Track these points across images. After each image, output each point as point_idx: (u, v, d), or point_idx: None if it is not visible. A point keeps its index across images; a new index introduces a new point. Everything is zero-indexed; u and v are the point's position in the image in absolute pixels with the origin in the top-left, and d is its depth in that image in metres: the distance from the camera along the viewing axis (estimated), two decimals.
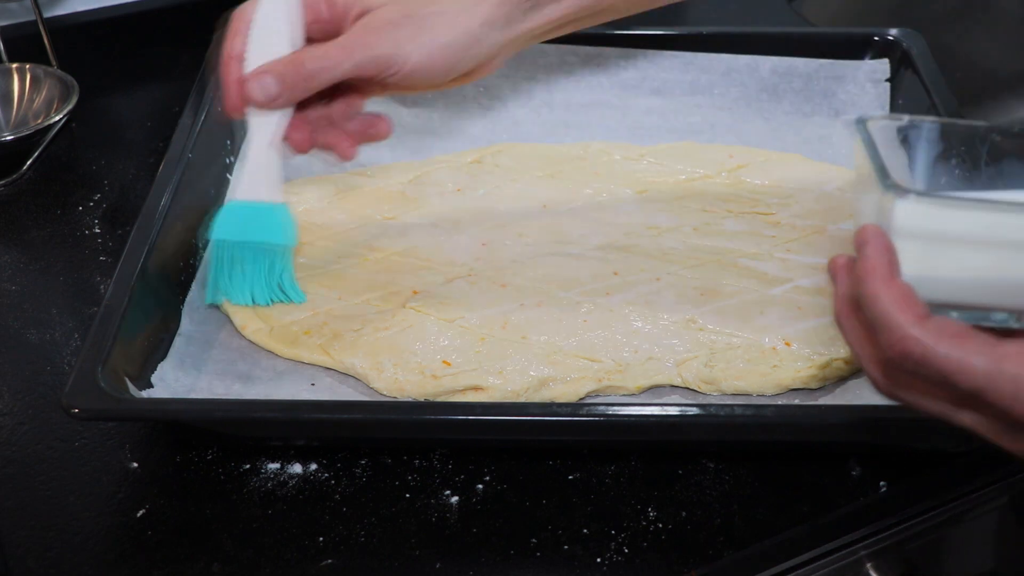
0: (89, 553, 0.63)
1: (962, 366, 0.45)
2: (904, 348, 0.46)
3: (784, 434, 0.67)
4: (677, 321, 0.74)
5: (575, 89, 0.95)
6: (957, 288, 0.49)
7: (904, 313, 0.46)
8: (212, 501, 0.66)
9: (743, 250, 0.80)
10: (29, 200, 0.91)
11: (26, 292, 0.81)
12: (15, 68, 0.99)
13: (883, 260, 0.48)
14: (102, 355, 0.65)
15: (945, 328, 0.46)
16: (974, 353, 0.45)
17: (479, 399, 0.69)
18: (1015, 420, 0.45)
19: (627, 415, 0.64)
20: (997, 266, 0.48)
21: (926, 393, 0.49)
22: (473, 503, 0.65)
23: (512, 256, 0.80)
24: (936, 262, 0.49)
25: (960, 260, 0.49)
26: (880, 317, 0.47)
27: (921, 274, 0.49)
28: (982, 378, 0.45)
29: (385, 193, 0.86)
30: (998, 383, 0.45)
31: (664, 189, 0.86)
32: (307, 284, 0.77)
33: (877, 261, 0.48)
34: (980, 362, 0.45)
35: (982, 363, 0.45)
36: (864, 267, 0.48)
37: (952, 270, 0.49)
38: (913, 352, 0.46)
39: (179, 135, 0.83)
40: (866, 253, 0.48)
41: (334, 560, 0.62)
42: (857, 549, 0.68)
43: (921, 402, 0.49)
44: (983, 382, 0.45)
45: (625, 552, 0.63)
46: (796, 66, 0.93)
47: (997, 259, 0.48)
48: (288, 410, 0.65)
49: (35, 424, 0.71)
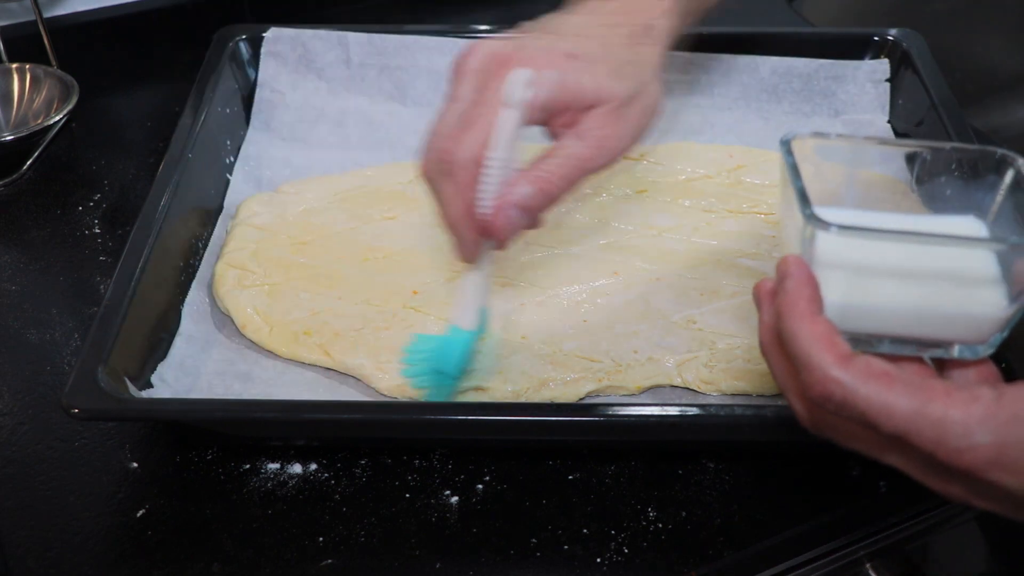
0: (89, 553, 0.63)
1: (885, 410, 0.44)
2: (825, 390, 0.45)
3: (784, 434, 0.67)
4: (677, 321, 0.74)
5: None
6: (883, 318, 0.48)
7: (826, 353, 0.45)
8: (212, 501, 0.66)
9: (743, 250, 0.80)
10: (29, 200, 0.91)
11: (26, 292, 0.81)
12: (15, 68, 0.99)
13: (804, 295, 0.46)
14: (102, 355, 0.65)
15: (869, 369, 0.44)
16: (897, 395, 0.44)
17: (479, 399, 0.69)
18: (939, 464, 0.44)
19: (627, 415, 0.64)
20: (922, 296, 0.47)
21: (850, 434, 0.47)
22: (473, 503, 0.66)
23: (512, 256, 0.80)
24: (860, 292, 0.48)
25: (883, 290, 0.47)
26: (801, 356, 0.46)
27: (846, 303, 0.47)
28: (904, 422, 0.43)
29: (385, 193, 0.86)
30: (920, 427, 0.43)
31: (664, 189, 0.86)
32: (307, 284, 0.77)
33: (798, 296, 0.46)
34: (903, 405, 0.43)
35: (905, 406, 0.43)
36: (785, 302, 0.47)
37: (877, 300, 0.48)
38: (834, 394, 0.45)
39: (179, 135, 0.83)
40: (786, 287, 0.47)
41: (334, 560, 0.62)
42: (857, 549, 0.68)
43: (847, 442, 0.48)
44: (905, 426, 0.43)
45: (625, 552, 0.63)
46: (796, 66, 0.93)
47: (920, 289, 0.47)
48: (288, 410, 0.65)
49: (35, 424, 0.71)
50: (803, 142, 0.51)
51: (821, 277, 0.48)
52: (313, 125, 0.93)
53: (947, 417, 0.43)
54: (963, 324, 0.48)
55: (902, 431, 0.44)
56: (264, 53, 0.94)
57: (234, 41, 0.93)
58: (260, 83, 0.93)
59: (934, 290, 0.47)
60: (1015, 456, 0.42)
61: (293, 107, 0.93)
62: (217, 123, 0.86)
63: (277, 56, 0.94)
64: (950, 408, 0.43)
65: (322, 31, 0.94)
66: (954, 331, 0.48)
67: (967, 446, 0.42)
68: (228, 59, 0.91)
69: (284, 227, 0.82)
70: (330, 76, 0.94)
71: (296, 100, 0.93)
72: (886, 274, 0.47)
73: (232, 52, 0.92)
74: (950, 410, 0.43)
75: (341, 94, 0.94)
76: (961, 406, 0.43)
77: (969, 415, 0.42)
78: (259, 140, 0.91)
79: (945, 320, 0.48)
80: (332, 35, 0.94)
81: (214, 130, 0.86)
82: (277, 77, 0.93)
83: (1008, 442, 0.42)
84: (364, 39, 0.94)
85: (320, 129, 0.93)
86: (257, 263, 0.79)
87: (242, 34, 0.94)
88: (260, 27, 0.94)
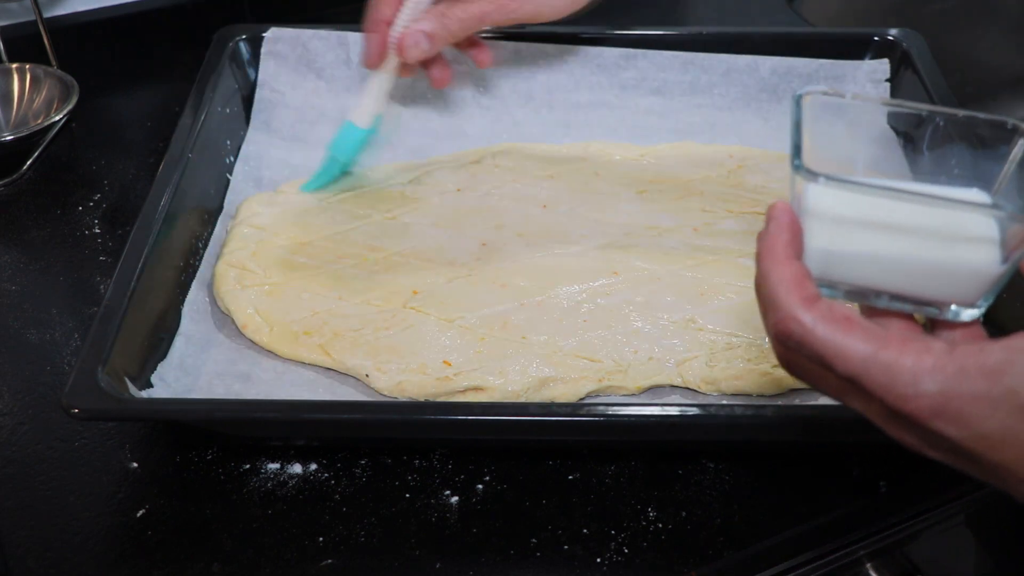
0: (89, 553, 0.63)
1: (838, 351, 0.45)
2: (786, 328, 0.46)
3: (784, 434, 0.67)
4: (677, 321, 0.74)
5: (575, 89, 0.95)
6: (869, 270, 0.49)
7: (790, 294, 0.46)
8: (212, 501, 0.66)
9: (743, 250, 0.80)
10: (29, 200, 0.91)
11: (26, 292, 0.81)
12: (15, 68, 0.99)
13: (781, 239, 0.48)
14: (102, 355, 0.64)
15: (830, 313, 0.46)
16: (853, 340, 0.45)
17: (479, 399, 0.69)
18: (888, 409, 0.45)
19: (627, 415, 0.64)
20: (908, 250, 0.48)
21: (814, 375, 0.48)
22: (473, 503, 0.66)
23: (512, 256, 0.80)
24: (845, 241, 0.48)
25: (869, 241, 0.48)
26: (769, 295, 0.47)
27: (829, 251, 0.49)
28: (857, 364, 0.45)
29: (385, 193, 0.86)
30: (871, 371, 0.44)
31: (664, 189, 0.86)
32: (307, 284, 0.77)
33: (776, 239, 0.48)
34: (857, 349, 0.44)
35: (859, 350, 0.44)
36: (763, 245, 0.49)
37: (862, 250, 0.48)
38: (793, 333, 0.46)
39: (179, 135, 0.83)
40: (768, 230, 0.49)
41: (334, 560, 0.62)
42: (857, 549, 0.68)
43: (814, 383, 0.49)
44: (858, 368, 0.45)
45: (625, 552, 0.63)
46: (796, 66, 0.93)
47: (907, 244, 0.48)
48: (288, 410, 0.65)
49: (35, 424, 0.71)
50: (815, 98, 0.52)
51: (808, 226, 0.49)
52: (313, 125, 0.93)
53: (897, 364, 0.44)
54: (950, 282, 0.48)
55: (854, 374, 0.45)
56: (264, 53, 0.94)
57: (234, 41, 0.93)
58: (260, 83, 0.93)
59: (921, 246, 0.48)
60: (958, 407, 0.43)
61: (293, 107, 0.93)
62: (217, 123, 0.86)
63: (277, 56, 0.94)
64: (902, 356, 0.44)
65: (322, 31, 0.94)
66: (941, 289, 0.49)
67: (913, 393, 0.43)
68: (228, 59, 0.92)
69: (284, 227, 0.82)
70: (330, 76, 0.94)
71: (296, 100, 0.93)
72: (873, 226, 0.48)
73: (232, 52, 0.92)
74: (901, 358, 0.44)
75: (341, 94, 0.94)
76: (912, 355, 0.44)
77: (919, 364, 0.43)
78: (259, 140, 0.91)
79: (931, 277, 0.48)
80: (332, 35, 0.94)
81: (214, 130, 0.86)
82: (277, 77, 0.93)
83: (953, 393, 0.43)
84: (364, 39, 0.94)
85: (320, 129, 0.93)
86: (257, 263, 0.79)
87: (242, 34, 0.94)
88: (260, 27, 0.94)
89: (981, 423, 0.43)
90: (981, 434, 0.43)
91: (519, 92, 0.94)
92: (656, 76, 0.94)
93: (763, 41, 0.94)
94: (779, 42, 0.94)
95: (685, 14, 1.17)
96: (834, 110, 0.52)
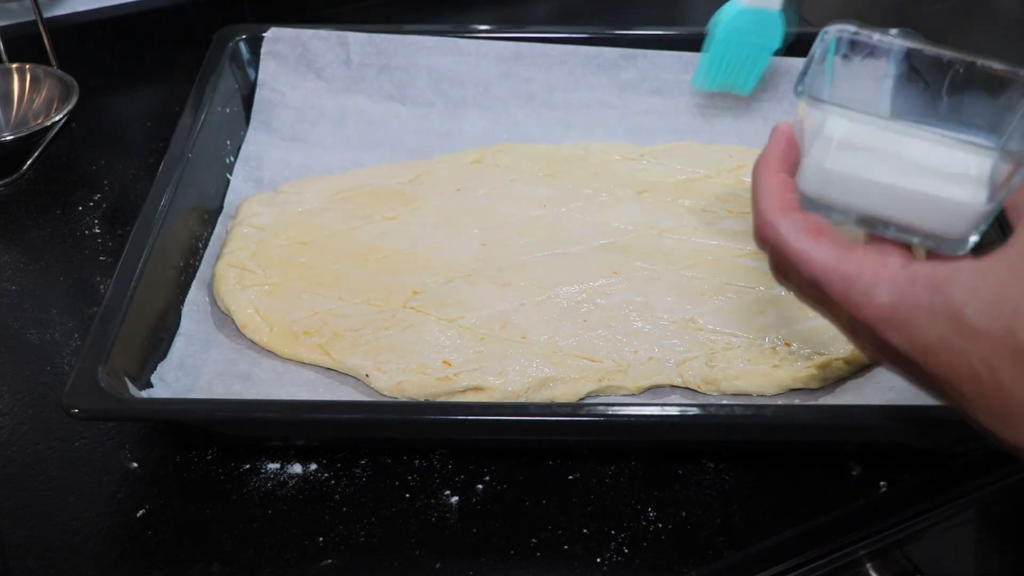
0: (89, 553, 0.63)
1: (803, 257, 0.48)
2: (763, 233, 0.49)
3: (784, 434, 0.67)
4: (677, 321, 0.74)
5: (575, 89, 0.95)
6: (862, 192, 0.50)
7: (771, 201, 0.49)
8: (212, 501, 0.66)
9: (743, 250, 0.80)
10: (29, 200, 0.91)
11: (26, 292, 0.81)
12: (15, 68, 0.99)
13: (775, 152, 0.51)
14: (102, 355, 0.64)
15: (804, 223, 0.48)
16: (820, 249, 0.47)
17: (479, 399, 0.69)
18: (847, 316, 0.47)
19: (627, 415, 0.64)
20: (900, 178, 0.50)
21: (793, 283, 0.50)
22: (473, 503, 0.66)
23: (512, 256, 0.80)
24: (842, 162, 0.50)
25: (865, 165, 0.50)
26: (754, 202, 0.50)
27: (825, 169, 0.51)
28: (819, 272, 0.47)
29: (385, 193, 0.86)
30: (831, 278, 0.47)
31: (664, 189, 0.86)
32: (307, 284, 0.77)
33: (770, 152, 0.51)
34: (822, 257, 0.47)
35: (823, 258, 0.47)
36: (759, 158, 0.52)
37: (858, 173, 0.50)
38: (767, 237, 0.49)
39: (179, 135, 0.83)
40: (766, 146, 0.51)
41: (334, 560, 0.62)
42: (857, 549, 0.68)
43: (796, 293, 0.51)
44: (819, 276, 0.47)
45: (625, 552, 0.63)
46: (796, 66, 0.93)
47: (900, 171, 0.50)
48: (288, 410, 0.65)
49: (35, 424, 0.71)
50: (841, 34, 0.54)
51: (807, 145, 0.51)
52: (313, 125, 0.93)
53: (856, 273, 0.46)
54: (939, 215, 0.50)
55: (816, 280, 0.48)
56: (264, 53, 0.94)
57: (234, 41, 0.93)
58: (260, 83, 0.93)
59: (912, 176, 0.49)
60: (904, 316, 0.45)
61: (293, 107, 0.93)
62: (217, 123, 0.86)
63: (277, 56, 0.94)
64: (862, 266, 0.47)
65: (322, 31, 0.94)
66: (930, 219, 0.50)
67: (866, 301, 0.46)
68: (228, 59, 0.92)
69: (284, 227, 0.82)
70: (330, 76, 0.94)
71: (296, 100, 0.93)
72: (869, 152, 0.50)
73: (232, 52, 0.92)
74: (861, 267, 0.47)
75: (341, 94, 0.94)
76: (871, 266, 0.46)
77: (876, 275, 0.46)
78: (259, 140, 0.91)
79: (921, 207, 0.50)
80: (332, 35, 0.94)
81: (214, 130, 0.86)
82: (277, 77, 0.93)
83: (900, 303, 0.45)
84: (364, 39, 0.94)
85: (320, 129, 0.93)
86: (257, 263, 0.79)
87: (242, 34, 0.94)
88: (260, 27, 0.94)
89: (921, 333, 0.45)
90: (922, 344, 0.45)
91: (519, 92, 0.94)
92: (656, 76, 0.94)
93: None
94: None
95: (685, 14, 1.17)
96: (858, 48, 0.54)
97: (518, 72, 0.94)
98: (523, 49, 0.94)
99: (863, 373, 0.72)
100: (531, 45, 0.94)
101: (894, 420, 0.64)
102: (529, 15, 1.16)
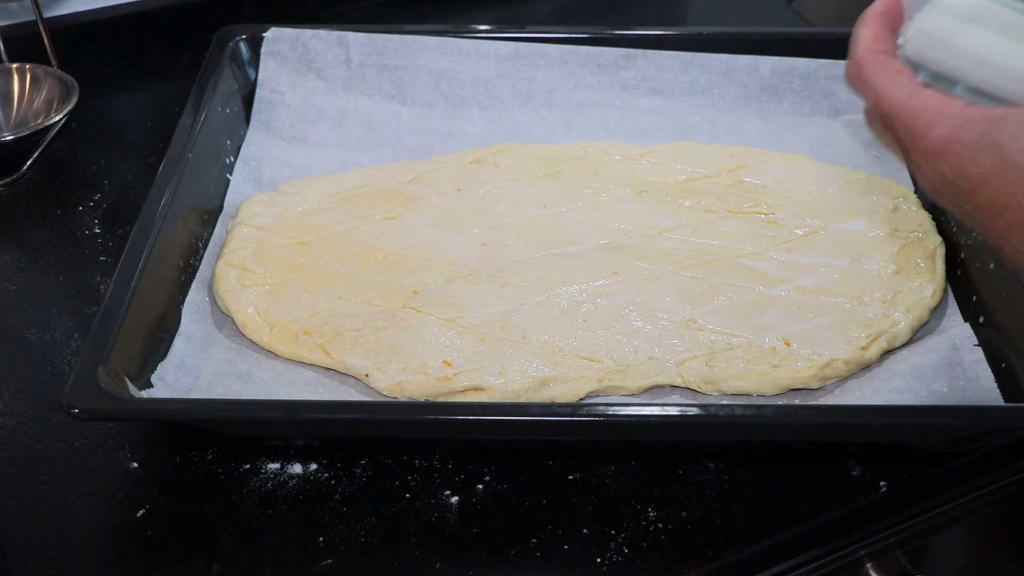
0: (89, 553, 0.63)
1: (883, 92, 0.53)
2: (849, 70, 0.55)
3: (784, 434, 0.67)
4: (677, 321, 0.74)
5: (575, 89, 0.95)
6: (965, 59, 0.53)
7: (865, 41, 0.55)
8: (212, 501, 0.66)
9: (743, 250, 0.80)
10: (29, 200, 0.91)
11: (26, 292, 0.81)
12: (15, 68, 0.99)
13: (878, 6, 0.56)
14: (102, 355, 0.64)
15: (888, 62, 0.54)
16: (897, 86, 0.53)
17: (479, 399, 0.69)
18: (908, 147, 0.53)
19: (627, 415, 0.64)
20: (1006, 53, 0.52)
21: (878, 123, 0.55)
22: (473, 503, 0.66)
23: (512, 256, 0.80)
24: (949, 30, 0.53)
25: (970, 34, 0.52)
26: (852, 42, 0.56)
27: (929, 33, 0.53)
28: (890, 107, 0.53)
29: (385, 193, 0.86)
30: (900, 114, 0.52)
31: (664, 189, 0.86)
32: (307, 284, 0.77)
33: (873, 7, 0.56)
34: (896, 94, 0.52)
35: (897, 94, 0.52)
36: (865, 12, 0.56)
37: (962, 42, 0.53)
38: (850, 73, 0.55)
39: (179, 135, 0.83)
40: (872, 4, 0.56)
41: (334, 560, 0.62)
42: (857, 549, 0.68)
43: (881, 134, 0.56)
44: (891, 110, 0.53)
45: (625, 552, 0.63)
46: (796, 66, 0.93)
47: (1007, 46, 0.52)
48: (288, 410, 0.65)
49: (35, 424, 0.71)
50: None
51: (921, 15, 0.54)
52: (313, 125, 0.93)
53: (922, 109, 0.52)
54: None
55: (889, 114, 0.53)
56: (264, 53, 0.94)
57: (234, 41, 0.93)
58: (260, 83, 0.93)
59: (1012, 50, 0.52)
60: (956, 150, 0.50)
61: (293, 107, 0.93)
62: (217, 123, 0.86)
63: (277, 56, 0.94)
64: (928, 103, 0.52)
65: (322, 31, 0.94)
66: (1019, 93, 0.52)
67: (925, 134, 0.51)
68: (228, 59, 0.92)
69: (284, 227, 0.82)
70: (330, 76, 0.94)
71: (296, 100, 0.93)
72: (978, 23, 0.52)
73: (232, 52, 0.92)
74: (927, 104, 0.51)
75: (341, 94, 0.94)
76: (936, 104, 0.51)
77: (938, 111, 0.51)
78: (259, 140, 0.91)
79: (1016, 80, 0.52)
80: (332, 35, 0.94)
81: (214, 130, 0.86)
82: (277, 77, 0.94)
83: (954, 137, 0.50)
84: (364, 39, 0.94)
85: (320, 129, 0.93)
86: (257, 263, 0.79)
87: (242, 34, 0.94)
88: (260, 27, 0.94)
89: (969, 165, 0.50)
90: (968, 175, 0.50)
91: (519, 92, 0.94)
92: (656, 76, 0.94)
93: (763, 41, 0.94)
94: (779, 42, 0.94)
95: (685, 14, 1.17)
96: None
97: (518, 72, 0.94)
98: (523, 49, 0.94)
99: (863, 373, 0.72)
100: (531, 45, 0.94)
101: (894, 420, 0.64)
102: (529, 15, 1.16)
